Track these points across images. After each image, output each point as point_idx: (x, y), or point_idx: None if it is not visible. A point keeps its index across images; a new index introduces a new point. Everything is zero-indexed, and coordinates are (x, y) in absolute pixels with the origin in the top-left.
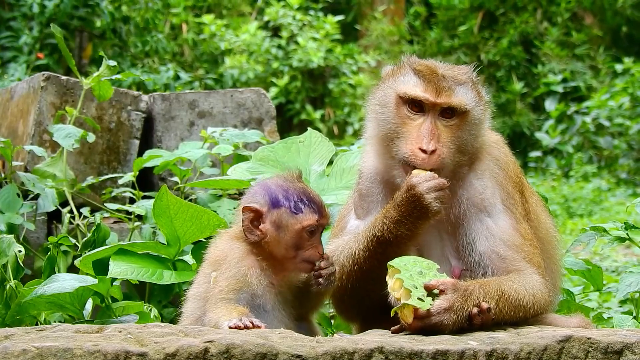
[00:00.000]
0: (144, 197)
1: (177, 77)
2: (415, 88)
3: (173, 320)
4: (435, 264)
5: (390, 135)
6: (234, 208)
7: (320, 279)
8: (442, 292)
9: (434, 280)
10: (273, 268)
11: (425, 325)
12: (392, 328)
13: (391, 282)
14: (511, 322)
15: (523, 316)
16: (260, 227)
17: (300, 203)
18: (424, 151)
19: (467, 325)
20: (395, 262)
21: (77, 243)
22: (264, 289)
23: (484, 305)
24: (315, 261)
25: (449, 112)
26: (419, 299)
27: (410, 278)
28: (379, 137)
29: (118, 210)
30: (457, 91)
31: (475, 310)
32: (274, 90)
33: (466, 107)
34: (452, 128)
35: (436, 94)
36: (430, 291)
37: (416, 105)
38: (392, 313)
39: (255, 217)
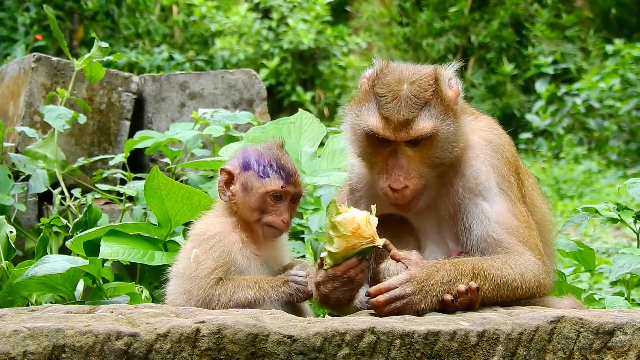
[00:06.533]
0: (135, 178)
1: (170, 58)
2: (376, 124)
3: (164, 301)
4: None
5: (365, 158)
6: None
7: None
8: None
9: (402, 252)
10: (251, 238)
11: (391, 298)
12: (368, 290)
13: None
14: (497, 302)
15: (509, 295)
16: (230, 188)
17: (268, 168)
18: (394, 190)
19: (440, 300)
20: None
21: (68, 224)
22: (248, 261)
23: (461, 287)
24: (279, 228)
25: (414, 141)
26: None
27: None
28: (357, 155)
29: (109, 192)
30: (419, 119)
31: (444, 288)
32: (264, 72)
33: (430, 132)
34: (422, 152)
35: (395, 131)
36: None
37: (381, 137)
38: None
39: (229, 178)
